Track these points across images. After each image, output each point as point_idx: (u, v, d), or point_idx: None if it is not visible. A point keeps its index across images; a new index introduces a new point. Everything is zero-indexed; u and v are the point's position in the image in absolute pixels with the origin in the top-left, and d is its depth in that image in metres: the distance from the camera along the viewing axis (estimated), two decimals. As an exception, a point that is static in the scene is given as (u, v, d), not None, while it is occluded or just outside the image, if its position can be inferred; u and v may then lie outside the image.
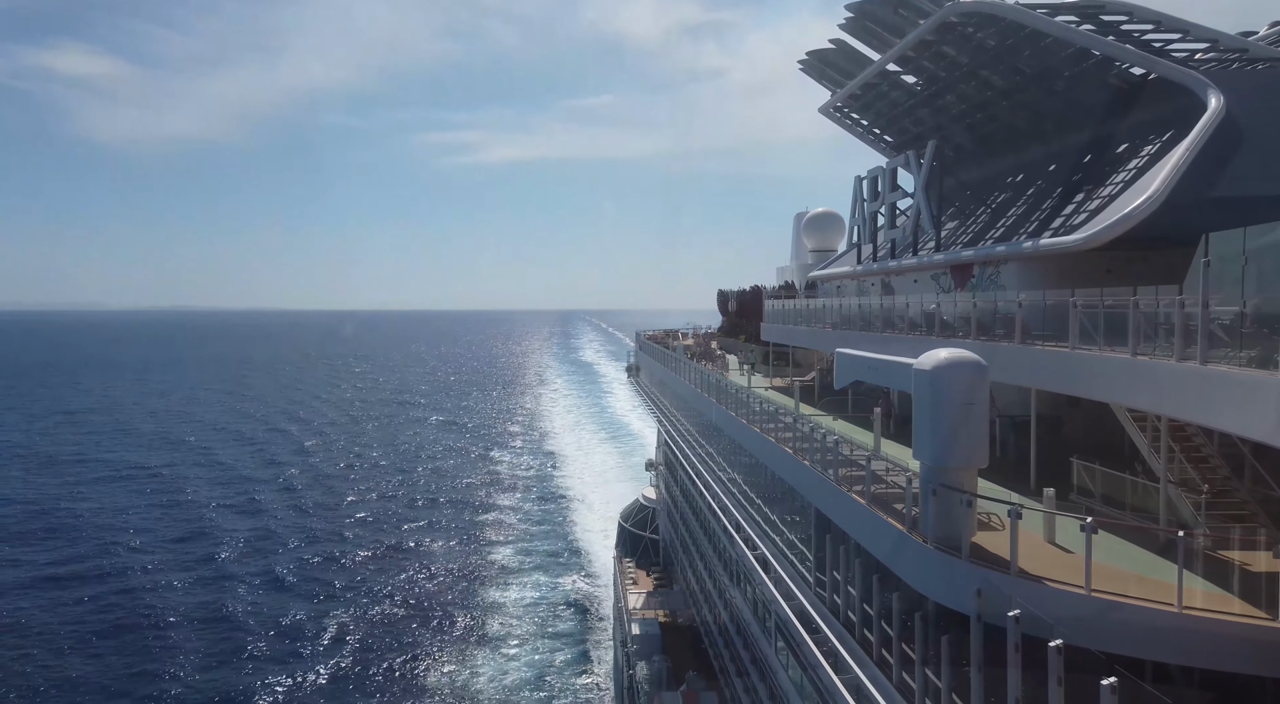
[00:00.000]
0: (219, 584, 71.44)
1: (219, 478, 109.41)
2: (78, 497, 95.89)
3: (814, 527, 19.88)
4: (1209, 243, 12.32)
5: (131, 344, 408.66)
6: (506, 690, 51.66)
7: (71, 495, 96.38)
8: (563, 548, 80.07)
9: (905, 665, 14.39)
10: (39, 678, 51.78)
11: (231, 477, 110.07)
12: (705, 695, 33.87)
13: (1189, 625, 10.09)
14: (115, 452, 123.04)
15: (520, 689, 51.72)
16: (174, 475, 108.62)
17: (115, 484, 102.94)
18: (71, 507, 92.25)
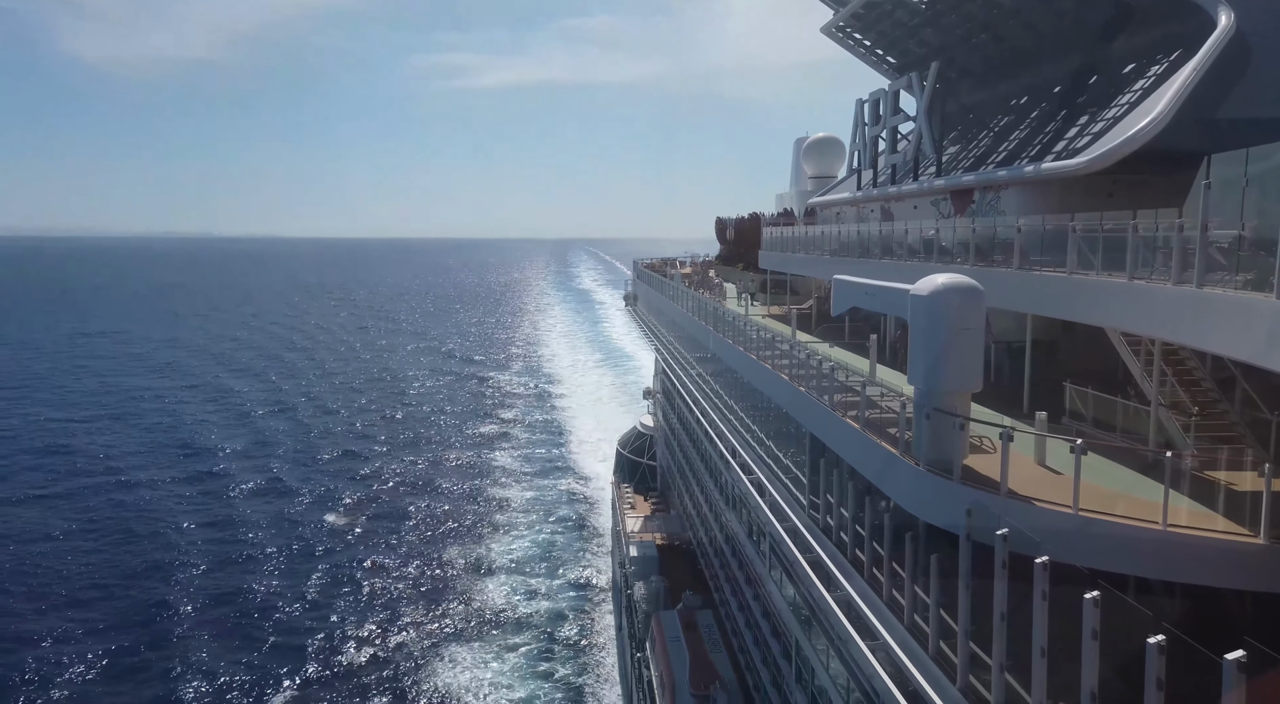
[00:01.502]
0: (221, 497, 73.73)
1: (220, 401, 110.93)
2: (79, 422, 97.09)
3: (808, 451, 20.15)
4: (1211, 165, 12.18)
5: (124, 272, 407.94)
6: (508, 613, 53.46)
7: (73, 420, 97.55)
8: (562, 473, 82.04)
9: (895, 583, 14.78)
10: (41, 597, 53.23)
11: (233, 400, 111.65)
12: (701, 613, 34.86)
13: (1173, 542, 10.35)
14: (115, 377, 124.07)
15: (522, 612, 53.47)
16: (175, 400, 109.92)
17: (117, 409, 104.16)
18: (73, 430, 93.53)
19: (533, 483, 78.70)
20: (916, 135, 29.69)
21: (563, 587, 56.92)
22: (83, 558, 59.90)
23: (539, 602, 54.49)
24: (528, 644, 49.06)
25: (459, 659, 47.53)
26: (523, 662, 47.95)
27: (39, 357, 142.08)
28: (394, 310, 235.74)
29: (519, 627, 52.12)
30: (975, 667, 11.84)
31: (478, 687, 44.76)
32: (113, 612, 52.88)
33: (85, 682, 45.23)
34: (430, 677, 45.99)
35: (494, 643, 49.84)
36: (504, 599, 55.36)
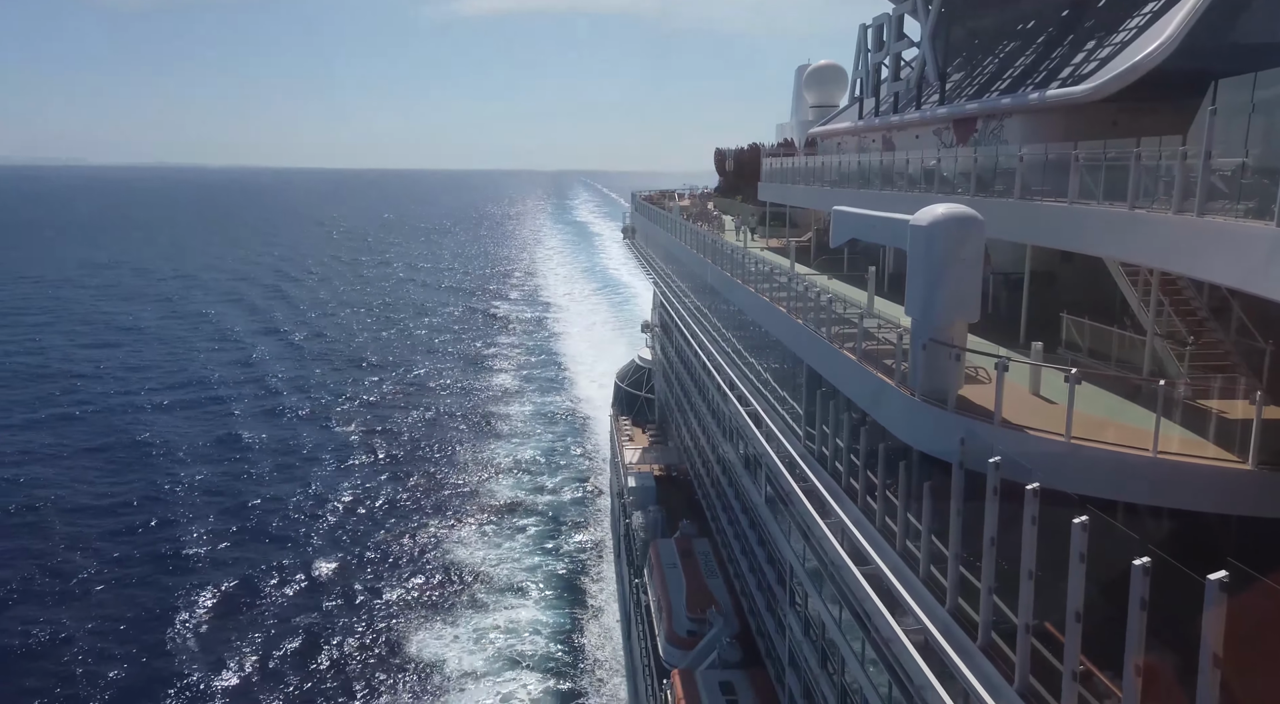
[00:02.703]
0: (223, 416, 75.70)
1: (222, 328, 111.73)
2: (77, 354, 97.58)
3: (805, 383, 20.29)
4: (1218, 90, 11.97)
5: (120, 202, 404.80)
6: (509, 543, 54.65)
7: (72, 353, 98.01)
8: (561, 406, 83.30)
9: (888, 510, 15.06)
10: (42, 528, 54.20)
11: (234, 327, 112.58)
12: (698, 541, 35.58)
13: (1162, 468, 10.52)
14: (114, 309, 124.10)
15: (522, 542, 54.73)
16: (171, 333, 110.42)
17: (115, 339, 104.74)
18: (71, 360, 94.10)
19: (531, 416, 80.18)
20: (920, 62, 29.06)
21: (561, 519, 58.15)
22: (88, 481, 61.17)
23: (539, 534, 55.76)
24: (530, 574, 50.49)
25: (462, 601, 48.84)
26: (525, 590, 49.56)
27: (49, 287, 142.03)
28: (390, 242, 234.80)
29: (521, 556, 53.43)
30: (964, 590, 12.15)
31: (480, 629, 46.28)
32: (113, 532, 54.30)
33: (82, 599, 46.69)
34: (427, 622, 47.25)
35: (497, 583, 51.16)
36: (503, 524, 56.85)
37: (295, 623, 45.33)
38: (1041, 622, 10.10)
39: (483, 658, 42.70)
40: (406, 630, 44.97)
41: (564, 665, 42.42)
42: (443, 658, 42.55)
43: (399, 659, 42.65)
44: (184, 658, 42.38)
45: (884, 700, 14.38)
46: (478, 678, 41.19)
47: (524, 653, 43.20)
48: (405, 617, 46.48)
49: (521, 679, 40.96)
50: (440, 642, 43.96)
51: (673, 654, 29.36)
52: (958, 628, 11.91)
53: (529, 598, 48.28)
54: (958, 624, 11.96)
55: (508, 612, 46.75)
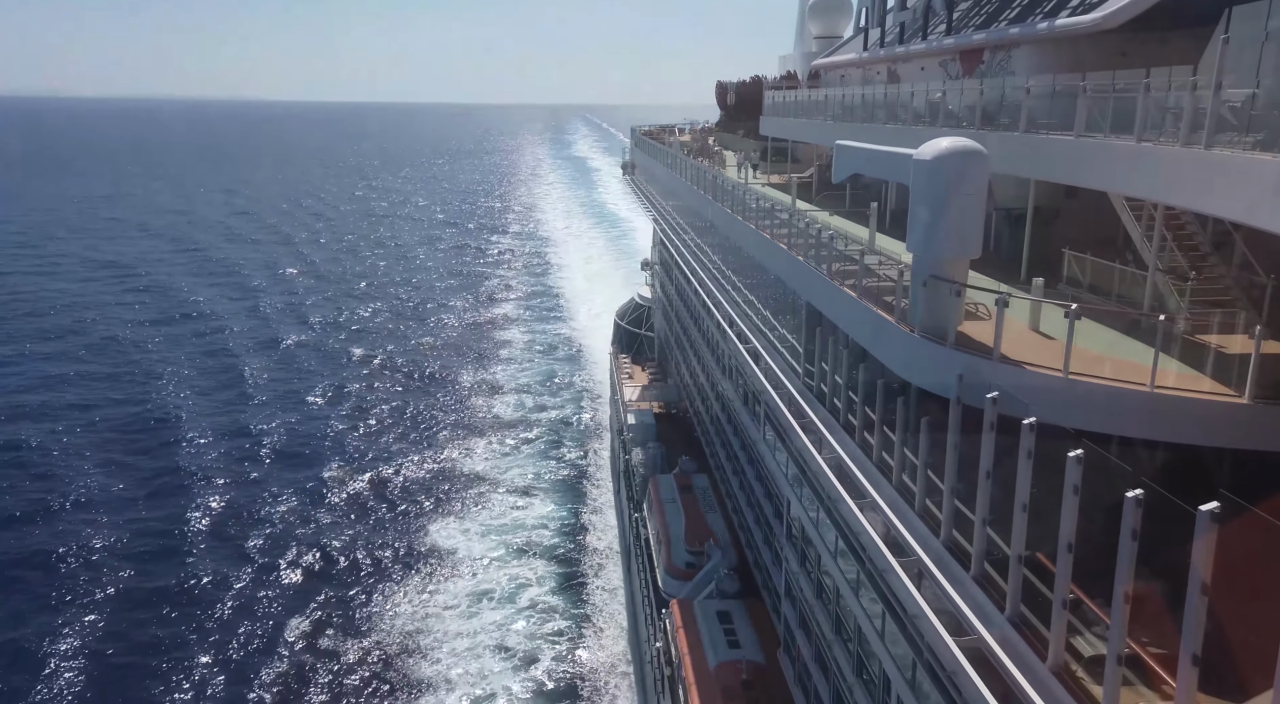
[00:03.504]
0: (221, 348, 77.04)
1: (220, 264, 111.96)
2: (74, 288, 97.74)
3: (805, 320, 20.28)
4: (1231, 19, 11.67)
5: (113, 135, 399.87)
6: (509, 475, 55.93)
7: (68, 287, 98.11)
8: (560, 344, 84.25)
9: (885, 445, 15.21)
10: (41, 463, 55.34)
11: (232, 262, 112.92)
12: (697, 477, 36.05)
13: (1159, 402, 10.59)
14: (110, 247, 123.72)
15: (522, 475, 55.99)
16: (172, 266, 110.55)
17: (112, 277, 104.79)
18: (67, 293, 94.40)
19: (531, 346, 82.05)
20: (927, -9, 28.29)
21: (561, 454, 59.25)
22: (83, 410, 62.32)
23: (540, 469, 56.88)
24: (532, 513, 51.64)
25: (466, 532, 49.94)
26: (531, 493, 52.90)
27: (53, 221, 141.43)
28: (387, 176, 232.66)
29: (525, 465, 56.35)
30: (959, 523, 12.35)
31: (488, 525, 49.25)
32: (111, 454, 55.77)
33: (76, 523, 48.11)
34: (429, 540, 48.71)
35: (503, 487, 54.03)
36: (503, 463, 57.72)
37: (311, 519, 48.76)
38: (1034, 552, 10.29)
39: (491, 547, 46.74)
40: (419, 528, 48.38)
41: (567, 552, 46.50)
42: (454, 548, 46.51)
43: (412, 551, 46.17)
44: (194, 561, 44.68)
45: (877, 629, 14.74)
46: (488, 563, 45.31)
47: (530, 543, 46.98)
48: (416, 516, 49.73)
49: (530, 565, 45.30)
50: (450, 535, 47.86)
51: (671, 585, 30.00)
52: (951, 558, 12.14)
53: (534, 499, 51.76)
54: (951, 555, 12.19)
55: (515, 512, 50.25)
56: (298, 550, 46.05)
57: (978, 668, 10.65)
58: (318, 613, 41.30)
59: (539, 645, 39.35)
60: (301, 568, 44.72)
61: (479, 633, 40.01)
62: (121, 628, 39.74)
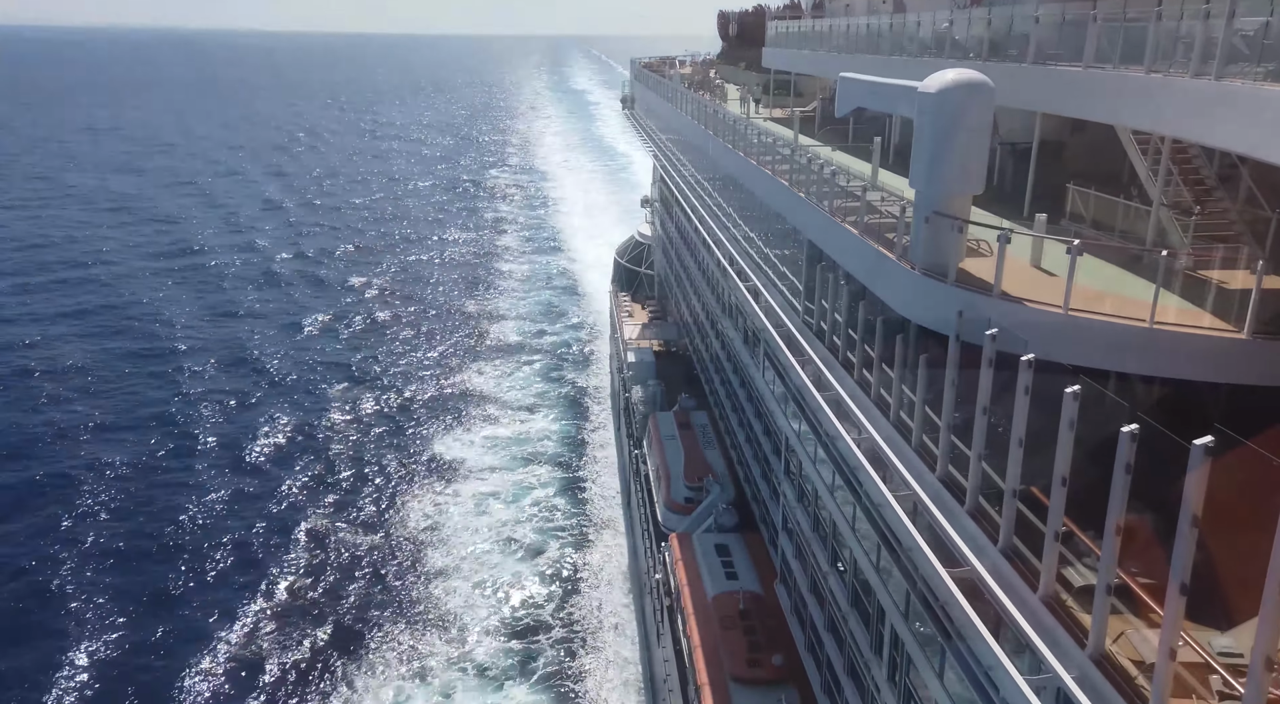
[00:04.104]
0: (220, 285, 77.31)
1: (217, 199, 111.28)
2: (67, 218, 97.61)
3: (805, 257, 20.17)
4: (1249, -57, 11.32)
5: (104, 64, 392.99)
6: (511, 394, 58.09)
7: (69, 218, 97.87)
8: (559, 275, 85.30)
9: (883, 382, 15.28)
10: (41, 389, 56.16)
11: (228, 193, 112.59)
12: (696, 414, 36.31)
13: (1157, 338, 10.60)
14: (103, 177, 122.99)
15: (524, 394, 58.18)
16: (170, 198, 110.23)
17: (107, 208, 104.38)
18: (68, 225, 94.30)
19: (531, 284, 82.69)
20: (936, -85, 27.34)
21: (562, 376, 61.19)
22: (76, 346, 62.69)
23: (542, 388, 58.99)
24: (534, 427, 53.72)
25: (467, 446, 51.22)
26: (534, 409, 55.43)
27: (47, 152, 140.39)
28: (387, 109, 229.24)
29: (528, 384, 58.45)
30: (954, 459, 12.48)
31: (493, 438, 52.00)
32: (108, 390, 56.45)
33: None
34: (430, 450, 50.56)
35: (507, 403, 56.43)
36: (505, 383, 59.83)
37: (318, 434, 51.36)
38: (1028, 487, 10.43)
39: (496, 458, 49.35)
40: (426, 441, 51.00)
41: (569, 461, 49.21)
42: (461, 458, 49.09)
43: (421, 461, 48.84)
44: (204, 476, 46.46)
45: (872, 561, 15.03)
46: (494, 471, 47.92)
47: (534, 453, 49.79)
48: (422, 431, 52.23)
49: (534, 472, 47.95)
50: (457, 447, 50.45)
51: (671, 519, 30.49)
52: (946, 493, 12.31)
53: (536, 415, 54.43)
54: (947, 490, 12.36)
55: (519, 426, 53.03)
56: (306, 461, 48.36)
57: (970, 598, 10.88)
58: (330, 514, 43.59)
59: (544, 539, 42.05)
60: (311, 476, 46.89)
61: (487, 528, 42.59)
62: (131, 531, 41.40)
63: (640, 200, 63.24)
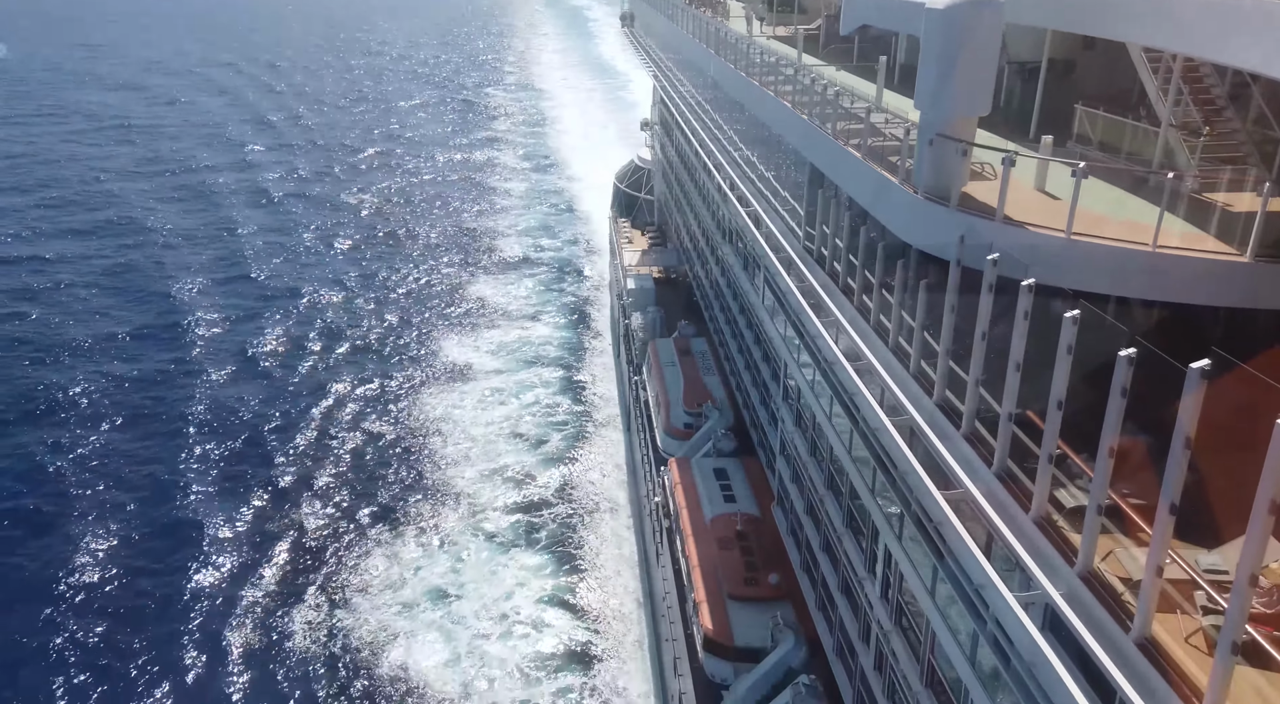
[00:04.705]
0: (218, 210, 76.76)
1: (210, 126, 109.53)
2: (60, 146, 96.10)
3: (807, 181, 19.91)
4: None
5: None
6: (514, 304, 59.73)
7: (55, 144, 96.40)
8: (557, 194, 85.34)
9: (883, 308, 15.27)
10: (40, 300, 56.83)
11: (220, 124, 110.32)
12: (695, 341, 36.40)
13: (1159, 262, 10.54)
14: (92, 98, 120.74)
15: (526, 303, 59.84)
16: (161, 127, 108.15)
17: (93, 129, 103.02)
18: (54, 149, 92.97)
19: (529, 201, 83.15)
20: None
21: (562, 287, 62.56)
22: (70, 263, 63.17)
23: (543, 298, 60.48)
24: (536, 333, 55.64)
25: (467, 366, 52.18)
26: (536, 317, 57.48)
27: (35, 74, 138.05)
28: (372, 32, 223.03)
29: (529, 294, 59.89)
30: (952, 384, 12.56)
31: (497, 343, 54.25)
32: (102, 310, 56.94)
33: None
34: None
35: (510, 313, 58.30)
36: (507, 292, 61.36)
37: (319, 338, 53.42)
38: (1024, 411, 10.51)
39: (500, 360, 51.99)
40: (431, 343, 53.46)
41: (569, 363, 51.77)
42: (467, 362, 51.56)
43: (428, 362, 51.60)
44: (212, 388, 47.87)
45: (868, 484, 15.27)
46: (498, 371, 50.68)
47: (536, 356, 52.22)
48: (427, 335, 54.60)
49: (536, 372, 50.47)
50: (462, 350, 52.95)
51: (670, 444, 30.87)
52: (943, 417, 12.42)
53: (538, 322, 56.58)
54: (943, 414, 12.47)
55: (520, 332, 55.15)
56: (315, 367, 50.74)
57: (963, 518, 11.09)
58: (344, 413, 46.11)
59: (548, 431, 44.86)
60: (321, 382, 49.07)
61: (493, 422, 45.33)
62: (129, 459, 42.11)
63: (640, 123, 62.05)
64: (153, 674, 30.37)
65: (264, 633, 32.20)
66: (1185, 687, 7.52)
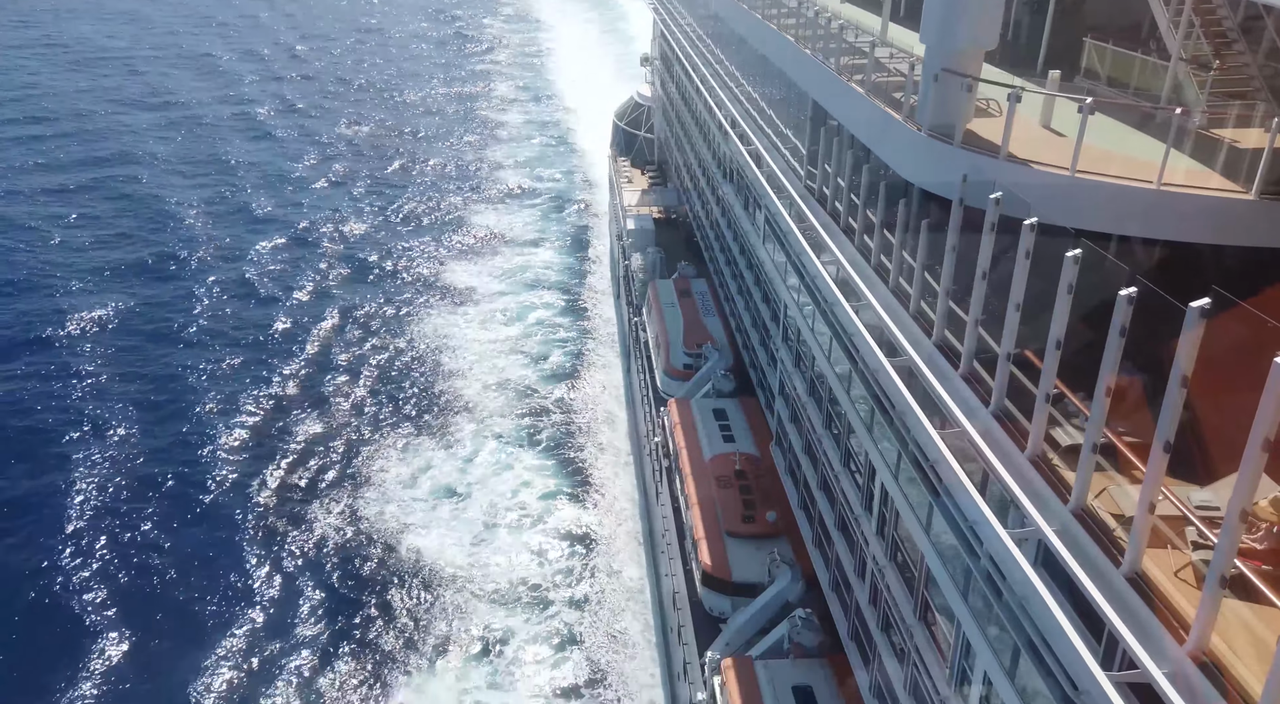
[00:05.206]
0: (211, 140, 76.24)
1: (199, 55, 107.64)
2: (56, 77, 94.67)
3: (809, 119, 19.61)
4: None
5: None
6: (514, 230, 60.71)
7: (51, 75, 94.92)
8: (555, 126, 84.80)
9: (884, 248, 15.17)
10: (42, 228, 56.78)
11: (210, 51, 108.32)
12: (695, 282, 36.28)
13: (1163, 200, 10.43)
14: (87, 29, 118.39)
15: (526, 229, 60.80)
16: (139, 53, 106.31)
17: (71, 60, 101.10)
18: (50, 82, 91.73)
19: (528, 133, 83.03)
20: None
21: (562, 216, 63.25)
22: (59, 194, 62.91)
23: (542, 225, 61.42)
24: (537, 259, 56.61)
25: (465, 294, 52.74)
26: (538, 243, 58.78)
27: None
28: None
29: (527, 249, 58.99)
30: (951, 324, 12.55)
31: (499, 267, 55.54)
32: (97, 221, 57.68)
33: None
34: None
35: (511, 239, 59.42)
36: (507, 220, 62.15)
37: (320, 266, 54.04)
38: (1022, 351, 10.53)
39: (503, 283, 53.34)
40: (435, 267, 54.82)
41: (570, 286, 52.83)
42: (471, 285, 52.77)
43: (432, 285, 52.75)
44: (210, 340, 47.52)
45: (865, 422, 15.38)
46: (503, 294, 52.12)
47: (537, 279, 53.62)
48: (430, 259, 55.74)
49: (538, 295, 51.89)
50: (465, 273, 54.16)
51: (670, 385, 31.02)
52: (941, 357, 12.45)
53: (539, 248, 58.47)
54: (942, 355, 12.49)
55: (521, 258, 56.75)
56: (315, 287, 51.66)
57: (959, 457, 11.20)
58: (343, 327, 47.60)
59: (549, 347, 46.27)
60: (319, 301, 50.06)
61: (497, 340, 46.88)
62: (137, 375, 43.01)
63: (640, 58, 60.78)
64: (176, 561, 32.26)
65: (287, 523, 34.17)
66: (1173, 619, 7.68)
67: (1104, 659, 8.19)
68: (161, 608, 30.10)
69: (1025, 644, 9.61)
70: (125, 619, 29.52)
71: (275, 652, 28.59)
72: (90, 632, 29.02)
